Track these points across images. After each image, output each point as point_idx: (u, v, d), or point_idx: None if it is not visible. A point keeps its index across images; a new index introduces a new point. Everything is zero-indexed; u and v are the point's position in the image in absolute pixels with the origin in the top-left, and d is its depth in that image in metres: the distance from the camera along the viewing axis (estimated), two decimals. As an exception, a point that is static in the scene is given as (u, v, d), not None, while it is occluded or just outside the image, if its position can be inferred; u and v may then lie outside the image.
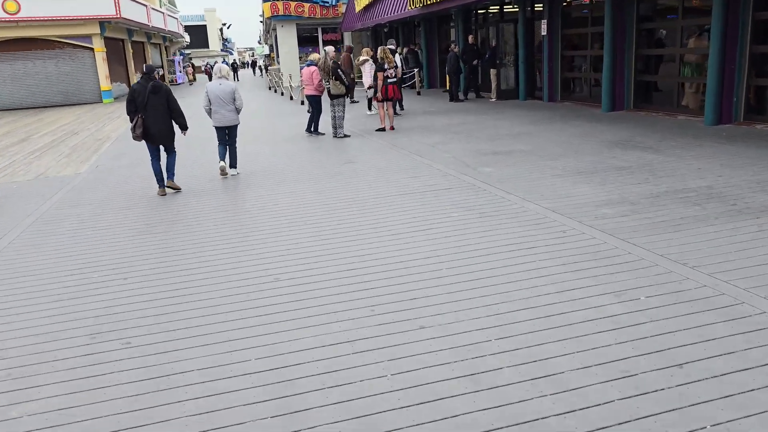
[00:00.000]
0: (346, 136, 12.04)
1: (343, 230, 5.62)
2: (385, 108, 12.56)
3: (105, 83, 27.47)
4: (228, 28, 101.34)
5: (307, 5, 31.67)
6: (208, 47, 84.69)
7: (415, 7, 19.52)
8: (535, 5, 16.58)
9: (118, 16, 26.20)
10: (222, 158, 8.66)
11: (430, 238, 5.21)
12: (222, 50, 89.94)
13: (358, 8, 27.58)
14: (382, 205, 6.45)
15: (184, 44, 59.51)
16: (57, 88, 26.91)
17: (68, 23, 25.74)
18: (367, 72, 14.95)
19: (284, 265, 4.78)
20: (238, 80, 44.22)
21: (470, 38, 18.20)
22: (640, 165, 7.56)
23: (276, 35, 36.89)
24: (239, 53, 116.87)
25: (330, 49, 12.14)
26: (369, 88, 14.98)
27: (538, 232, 5.17)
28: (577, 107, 14.29)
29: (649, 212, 5.53)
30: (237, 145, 8.88)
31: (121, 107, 23.55)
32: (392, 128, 12.51)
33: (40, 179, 9.51)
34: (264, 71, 53.92)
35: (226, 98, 8.41)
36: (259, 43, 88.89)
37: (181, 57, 53.18)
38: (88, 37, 26.69)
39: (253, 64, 73.46)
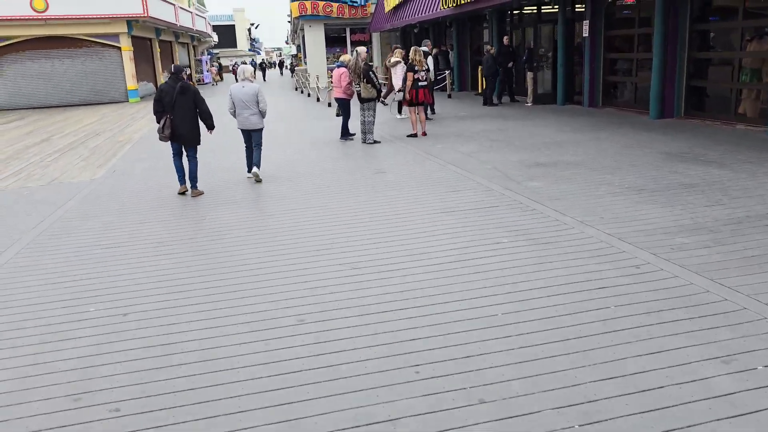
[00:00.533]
0: (376, 142, 11.36)
1: (377, 259, 4.92)
2: (417, 112, 11.85)
3: (131, 82, 27.21)
4: (256, 28, 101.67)
5: (335, 5, 31.10)
6: (236, 47, 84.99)
7: (448, 7, 18.76)
8: (576, 5, 15.72)
9: (146, 15, 25.91)
10: (250, 166, 8.53)
11: (478, 271, 4.48)
12: (250, 50, 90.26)
13: (387, 8, 26.91)
14: (420, 227, 5.73)
15: (212, 44, 59.51)
16: (84, 87, 26.73)
17: (96, 22, 25.51)
18: (399, 74, 14.24)
19: (309, 304, 4.10)
20: (265, 80, 43.91)
21: (505, 39, 17.38)
22: (708, 182, 6.73)
23: (303, 35, 36.41)
24: (267, 53, 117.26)
25: (362, 49, 11.45)
26: (399, 90, 14.29)
27: (605, 266, 4.40)
28: (622, 113, 13.40)
29: (735, 243, 4.73)
30: (263, 148, 8.61)
31: (146, 107, 23.24)
32: (424, 134, 11.79)
33: (54, 185, 8.99)
34: (291, 71, 53.53)
35: (249, 101, 8.15)
36: (287, 43, 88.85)
37: (209, 56, 53.15)
38: (115, 36, 26.46)
39: (280, 64, 73.36)
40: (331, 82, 13.21)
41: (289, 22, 62.51)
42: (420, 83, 11.61)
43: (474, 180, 7.56)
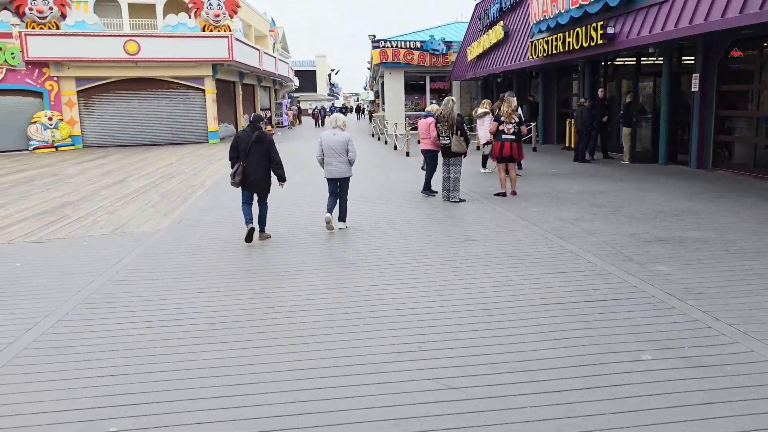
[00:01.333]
0: (461, 200, 10.34)
1: (466, 368, 3.83)
2: (505, 169, 10.78)
3: (212, 124, 27.59)
4: (336, 74, 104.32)
5: (416, 53, 30.81)
6: (315, 91, 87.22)
7: (537, 57, 17.79)
8: (683, 58, 14.38)
9: (231, 59, 26.35)
10: (330, 210, 8.19)
11: (622, 409, 3.30)
12: (329, 95, 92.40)
13: (470, 57, 26.26)
14: (521, 327, 4.60)
15: (293, 88, 60.91)
16: (167, 128, 27.30)
17: (183, 65, 26.13)
18: (486, 126, 13.31)
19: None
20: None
21: (600, 92, 16.16)
22: None
23: (383, 82, 36.33)
24: (345, 98, 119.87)
25: (452, 99, 10.59)
26: (486, 144, 13.31)
27: (804, 415, 3.13)
28: (738, 177, 11.84)
29: None
30: (348, 198, 8.47)
31: (225, 149, 23.31)
32: (514, 193, 10.69)
33: (116, 235, 8.45)
34: (369, 116, 53.86)
35: (339, 149, 8.10)
36: (365, 89, 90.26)
37: (289, 100, 54.31)
38: (200, 79, 27.01)
39: (358, 109, 74.32)
40: (411, 130, 12.46)
41: (368, 68, 63.36)
42: (505, 136, 10.59)
43: (583, 258, 6.36)
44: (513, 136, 10.67)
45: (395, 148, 21.28)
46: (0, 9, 25.29)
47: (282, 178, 7.73)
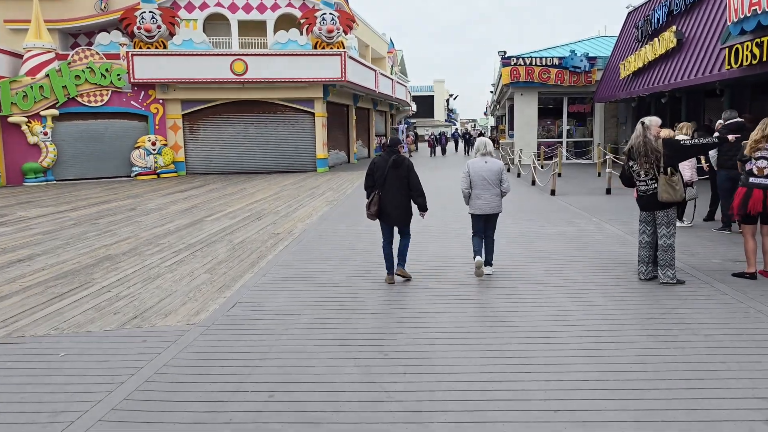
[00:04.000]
0: (679, 282, 6.34)
1: None
2: (759, 233, 6.62)
3: (321, 151, 24.97)
4: (454, 99, 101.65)
5: (554, 71, 26.67)
6: (432, 117, 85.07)
7: (738, 66, 13.21)
8: None
9: (344, 79, 23.64)
10: (478, 252, 6.92)
11: None
12: (446, 120, 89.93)
13: (624, 73, 21.75)
14: None
15: (410, 113, 58.32)
16: (273, 154, 25.01)
17: (291, 85, 23.78)
18: (686, 164, 9.16)
19: None
20: (467, 153, 40.36)
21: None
22: None
23: (511, 105, 32.40)
24: (461, 124, 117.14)
25: (654, 121, 6.67)
26: (688, 185, 9.12)
27: None
28: None
29: None
30: (496, 236, 7.21)
31: (332, 180, 20.48)
32: (766, 273, 6.51)
33: (127, 330, 5.30)
34: (496, 145, 49.95)
35: (492, 179, 6.91)
36: (485, 114, 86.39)
37: (406, 125, 51.60)
38: (309, 101, 24.55)
39: (464, 137, 69.04)
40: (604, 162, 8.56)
41: (491, 91, 59.55)
42: (757, 179, 6.48)
43: None
44: (765, 181, 6.50)
45: (533, 183, 17.27)
46: (111, 29, 24.35)
47: (423, 207, 6.88)
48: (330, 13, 23.83)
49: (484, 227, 7.03)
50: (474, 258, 6.84)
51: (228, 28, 26.01)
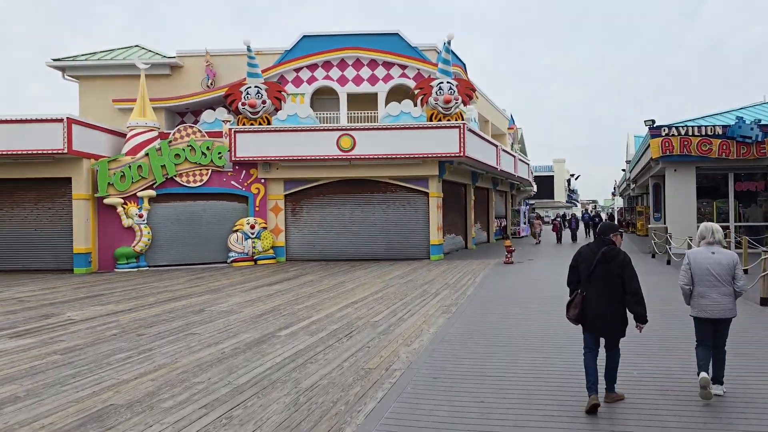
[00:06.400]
0: None
1: None
2: None
3: (436, 236, 21.71)
4: (576, 179, 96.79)
5: (716, 141, 22.05)
6: (552, 198, 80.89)
7: None
8: None
9: (462, 154, 20.58)
10: (704, 368, 5.41)
11: None
12: (567, 201, 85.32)
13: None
14: None
15: (531, 193, 54.32)
16: (381, 239, 22.05)
17: (403, 162, 21.03)
18: None
19: None
20: (589, 236, 35.11)
21: None
22: None
23: (655, 183, 27.75)
24: (582, 205, 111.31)
25: None
26: None
27: None
28: None
29: None
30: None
31: (447, 272, 17.04)
32: None
33: None
34: (629, 228, 44.68)
35: (722, 275, 5.53)
36: (614, 194, 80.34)
37: (527, 207, 47.58)
38: (423, 180, 21.62)
39: (593, 220, 62.23)
40: None
41: (623, 169, 54.30)
42: None
43: None
44: None
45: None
46: (217, 106, 23.18)
47: (641, 318, 5.29)
48: (448, 82, 21.15)
49: (712, 335, 5.67)
50: (698, 374, 5.46)
51: (336, 102, 24.09)
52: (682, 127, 22.55)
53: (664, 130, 22.54)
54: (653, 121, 23.68)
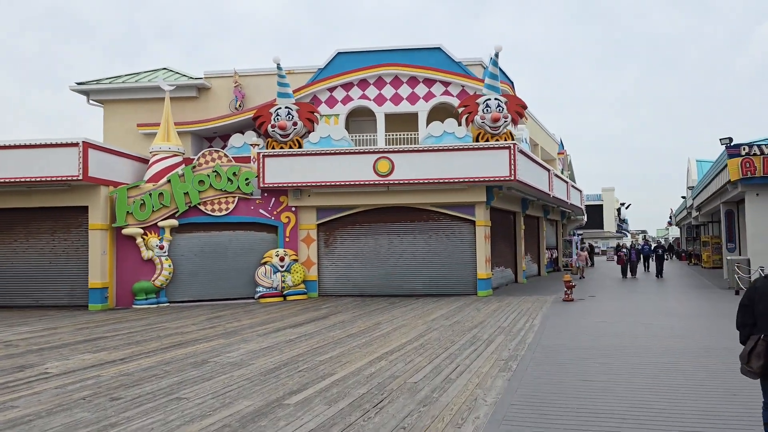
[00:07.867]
0: None
1: None
2: None
3: (484, 269, 19.42)
4: (626, 208, 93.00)
5: (806, 161, 19.25)
6: (602, 228, 77.33)
7: None
8: None
9: (513, 178, 18.38)
10: None
11: None
12: (617, 231, 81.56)
13: None
14: None
15: (582, 223, 51.27)
16: (423, 272, 19.87)
17: (446, 188, 18.94)
18: None
19: None
20: (648, 271, 31.82)
21: None
22: None
23: (727, 210, 24.84)
24: (632, 235, 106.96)
25: None
26: None
27: None
28: None
29: None
30: None
31: (501, 309, 14.73)
32: None
33: None
34: (686, 257, 41.27)
35: None
36: (670, 223, 76.29)
37: (578, 237, 44.66)
38: (469, 207, 19.46)
39: (667, 251, 56.69)
40: None
41: (683, 197, 50.86)
42: None
43: None
44: None
45: None
46: (246, 130, 21.69)
47: None
48: (496, 98, 19.10)
49: None
50: None
51: (374, 123, 22.30)
52: (766, 145, 19.85)
53: (744, 149, 19.88)
54: (730, 139, 21.02)
